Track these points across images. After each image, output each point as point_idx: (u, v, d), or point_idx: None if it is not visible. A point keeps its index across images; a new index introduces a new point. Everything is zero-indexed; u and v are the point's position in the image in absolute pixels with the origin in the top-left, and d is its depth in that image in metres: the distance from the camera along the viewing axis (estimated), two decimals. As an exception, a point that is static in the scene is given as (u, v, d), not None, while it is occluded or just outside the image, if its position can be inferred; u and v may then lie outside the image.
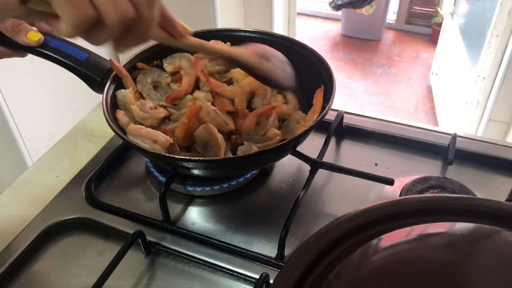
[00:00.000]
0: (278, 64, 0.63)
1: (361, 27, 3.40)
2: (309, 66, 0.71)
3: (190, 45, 0.54)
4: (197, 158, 0.55)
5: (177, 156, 0.57)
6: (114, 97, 0.67)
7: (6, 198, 0.69)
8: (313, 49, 0.72)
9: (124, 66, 0.70)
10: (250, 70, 0.61)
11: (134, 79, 0.71)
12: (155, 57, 0.75)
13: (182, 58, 0.74)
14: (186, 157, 0.56)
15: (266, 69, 0.61)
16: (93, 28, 0.39)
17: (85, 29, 0.38)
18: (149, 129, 0.62)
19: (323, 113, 0.60)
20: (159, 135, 0.60)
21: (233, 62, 0.61)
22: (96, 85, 0.67)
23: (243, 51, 0.61)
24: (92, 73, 0.67)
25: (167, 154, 0.57)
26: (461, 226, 0.38)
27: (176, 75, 0.75)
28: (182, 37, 0.52)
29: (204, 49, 0.58)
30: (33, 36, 0.63)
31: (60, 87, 1.48)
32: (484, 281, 0.33)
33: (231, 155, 0.62)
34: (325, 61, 0.69)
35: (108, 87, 0.66)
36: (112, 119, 0.63)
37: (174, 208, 0.65)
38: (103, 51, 0.64)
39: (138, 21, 0.41)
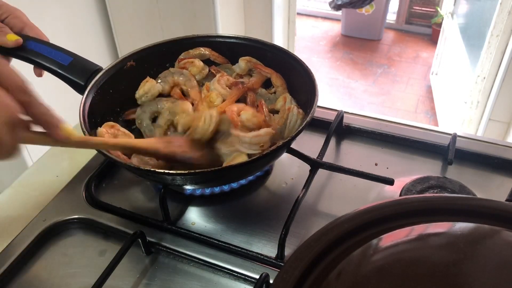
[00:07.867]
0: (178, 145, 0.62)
1: (361, 27, 3.40)
2: (292, 72, 0.71)
3: (74, 144, 0.48)
4: (184, 172, 0.53)
5: (162, 171, 0.54)
6: (93, 102, 0.65)
7: (6, 198, 0.69)
8: (295, 55, 0.71)
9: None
10: (154, 154, 0.61)
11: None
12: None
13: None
14: (172, 172, 0.53)
15: (168, 151, 0.60)
16: None
17: None
18: None
19: (308, 117, 0.59)
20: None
21: (136, 151, 0.61)
22: (80, 89, 0.66)
23: (143, 141, 0.62)
24: (75, 77, 0.65)
25: (156, 170, 0.54)
26: (461, 226, 0.38)
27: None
28: (62, 139, 0.45)
29: (92, 146, 0.55)
30: (12, 37, 0.62)
31: (59, 87, 1.47)
32: (484, 281, 0.33)
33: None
34: (306, 65, 0.68)
35: (87, 94, 0.64)
36: (87, 126, 0.60)
37: (174, 208, 0.65)
38: (93, 53, 0.63)
39: None
